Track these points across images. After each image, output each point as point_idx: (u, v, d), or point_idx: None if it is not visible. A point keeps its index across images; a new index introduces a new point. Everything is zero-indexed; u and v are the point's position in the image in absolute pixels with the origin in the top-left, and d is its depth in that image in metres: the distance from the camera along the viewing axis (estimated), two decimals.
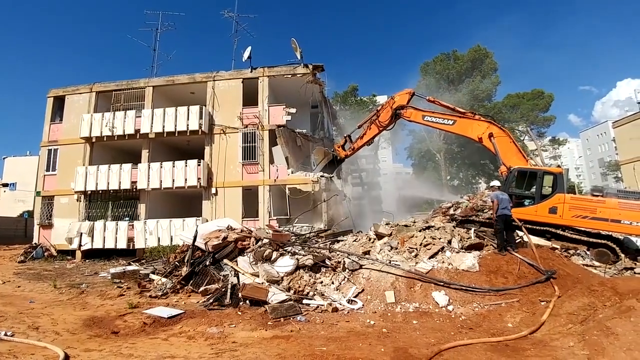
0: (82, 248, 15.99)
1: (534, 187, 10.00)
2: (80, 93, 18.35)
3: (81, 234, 16.04)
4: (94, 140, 17.35)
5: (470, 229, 9.43)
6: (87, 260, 15.56)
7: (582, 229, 9.63)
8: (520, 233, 9.04)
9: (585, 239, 9.51)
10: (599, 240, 9.37)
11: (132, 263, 12.86)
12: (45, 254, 16.23)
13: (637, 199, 9.44)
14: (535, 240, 8.61)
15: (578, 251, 9.46)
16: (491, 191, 9.16)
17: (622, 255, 9.03)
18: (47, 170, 17.79)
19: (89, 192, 16.83)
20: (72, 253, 16.33)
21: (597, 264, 8.87)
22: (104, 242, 15.90)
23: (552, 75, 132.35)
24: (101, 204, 16.97)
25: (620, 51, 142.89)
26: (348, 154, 14.01)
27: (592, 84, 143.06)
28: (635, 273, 8.38)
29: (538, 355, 4.33)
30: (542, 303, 6.04)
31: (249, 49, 17.43)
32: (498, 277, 7.05)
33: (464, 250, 8.00)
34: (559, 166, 14.02)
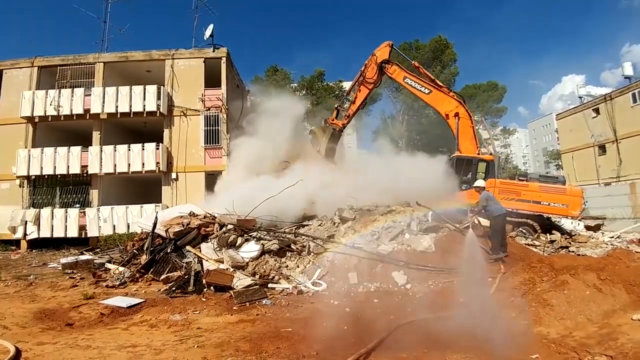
0: (28, 237, 14.79)
1: (470, 173, 10.89)
2: (20, 67, 16.57)
3: (26, 222, 14.81)
4: (37, 120, 15.84)
5: (428, 213, 9.95)
6: (33, 251, 14.46)
7: (513, 210, 10.52)
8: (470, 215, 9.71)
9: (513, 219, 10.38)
10: (520, 220, 10.42)
11: (85, 252, 12.13)
12: None
13: (555, 182, 10.88)
14: (483, 222, 9.29)
15: (523, 231, 10.39)
16: (478, 192, 8.21)
17: (540, 231, 10.35)
18: None
19: (33, 177, 15.49)
20: (16, 243, 15.07)
21: (537, 243, 9.80)
22: (52, 231, 14.82)
23: (505, 68, 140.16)
24: (47, 189, 15.72)
25: (567, 47, 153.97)
26: (345, 123, 13.84)
27: (540, 79, 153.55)
28: (570, 251, 9.35)
29: None
30: (489, 279, 6.59)
31: (211, 27, 16.68)
32: (452, 257, 7.55)
33: (422, 233, 8.47)
34: (491, 154, 15.18)
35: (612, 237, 11.00)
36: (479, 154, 11.33)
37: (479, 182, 8.56)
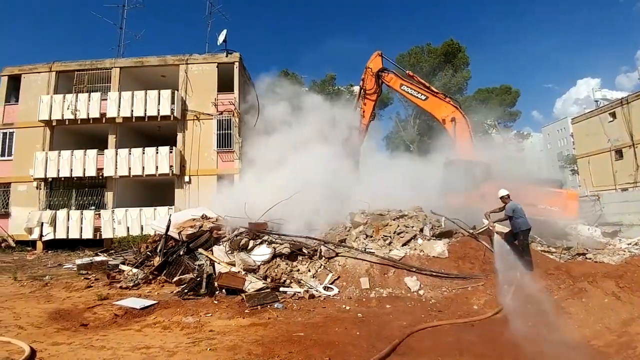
0: (44, 238, 15.15)
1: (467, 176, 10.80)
2: (39, 72, 17.08)
3: (42, 223, 15.18)
4: (54, 123, 16.30)
5: (441, 218, 9.81)
6: (49, 251, 14.77)
7: None
8: (485, 221, 9.53)
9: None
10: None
11: (99, 254, 12.34)
12: (2, 245, 15.28)
13: (551, 186, 10.82)
14: (498, 228, 9.12)
15: (538, 238, 10.14)
16: (503, 202, 7.64)
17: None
18: (2, 155, 16.60)
19: (50, 180, 15.89)
20: (32, 244, 15.44)
21: (553, 250, 9.55)
22: (68, 232, 15.15)
23: (519, 72, 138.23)
24: (64, 192, 16.10)
25: (581, 50, 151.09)
26: (362, 138, 14.17)
27: (555, 82, 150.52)
28: (587, 258, 9.09)
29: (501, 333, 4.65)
30: (505, 286, 6.45)
31: (224, 32, 16.95)
32: (465, 263, 7.44)
33: (434, 238, 8.34)
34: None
35: (630, 243, 10.72)
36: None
37: (503, 192, 7.73)
